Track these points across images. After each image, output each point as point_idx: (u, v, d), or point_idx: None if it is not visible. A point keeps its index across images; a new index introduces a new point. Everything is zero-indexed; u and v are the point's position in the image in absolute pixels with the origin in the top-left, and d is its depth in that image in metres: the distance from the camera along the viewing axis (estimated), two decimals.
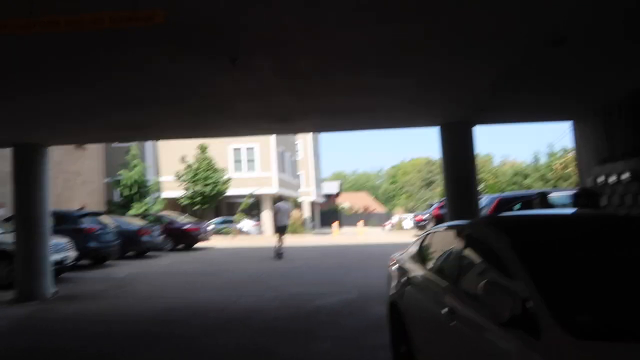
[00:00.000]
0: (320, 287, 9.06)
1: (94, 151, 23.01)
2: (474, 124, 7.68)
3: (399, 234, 26.20)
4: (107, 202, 23.84)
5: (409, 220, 27.21)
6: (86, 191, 21.92)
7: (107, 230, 13.54)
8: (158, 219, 18.37)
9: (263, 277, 10.59)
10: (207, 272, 11.73)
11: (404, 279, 4.16)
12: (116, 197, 25.76)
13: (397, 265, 4.64)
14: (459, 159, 7.69)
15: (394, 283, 4.51)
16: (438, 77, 5.29)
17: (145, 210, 23.81)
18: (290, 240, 22.96)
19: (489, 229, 3.02)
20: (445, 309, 3.03)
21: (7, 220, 12.49)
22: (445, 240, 3.83)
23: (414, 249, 4.43)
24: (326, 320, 6.41)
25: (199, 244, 19.18)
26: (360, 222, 28.09)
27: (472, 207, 7.58)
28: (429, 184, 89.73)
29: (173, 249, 17.57)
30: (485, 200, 9.43)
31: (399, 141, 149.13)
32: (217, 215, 32.45)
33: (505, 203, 9.14)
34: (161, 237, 16.40)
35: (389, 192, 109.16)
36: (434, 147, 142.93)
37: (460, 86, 5.68)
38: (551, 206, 7.80)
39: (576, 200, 5.76)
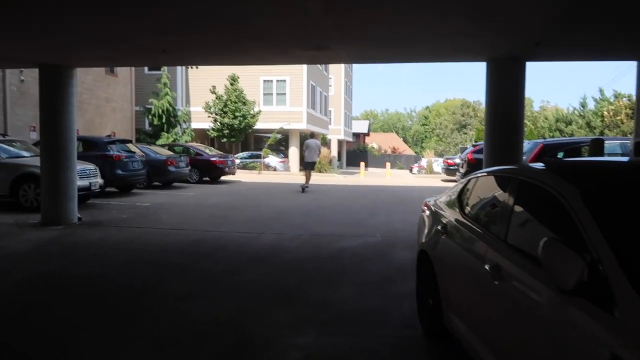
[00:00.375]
0: (344, 228, 8.81)
1: (125, 78, 22.74)
2: (526, 60, 6.92)
3: (427, 178, 25.66)
4: (136, 130, 23.90)
5: (438, 164, 26.47)
6: (117, 118, 21.93)
7: (134, 158, 13.49)
8: (185, 150, 18.31)
9: (287, 214, 10.42)
10: (231, 206, 11.64)
11: (439, 226, 3.76)
12: (146, 126, 25.85)
13: (431, 211, 4.23)
14: (506, 99, 7.00)
15: (425, 230, 4.12)
16: (494, 3, 4.58)
17: (174, 140, 23.85)
18: (317, 178, 22.77)
19: (552, 175, 2.54)
20: (488, 265, 2.64)
21: (35, 144, 12.56)
22: (491, 186, 3.36)
23: (452, 194, 3.98)
24: (348, 264, 6.16)
25: (225, 177, 19.19)
26: (388, 164, 27.41)
27: (517, 153, 6.99)
28: (462, 126, 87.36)
29: (199, 181, 17.60)
30: (526, 146, 8.75)
31: (435, 81, 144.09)
32: (244, 149, 32.43)
33: (550, 150, 8.46)
34: (188, 169, 16.38)
35: (420, 134, 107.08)
36: (472, 88, 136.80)
37: (519, 15, 4.94)
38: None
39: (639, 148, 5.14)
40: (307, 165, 15.30)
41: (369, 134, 70.59)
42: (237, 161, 26.01)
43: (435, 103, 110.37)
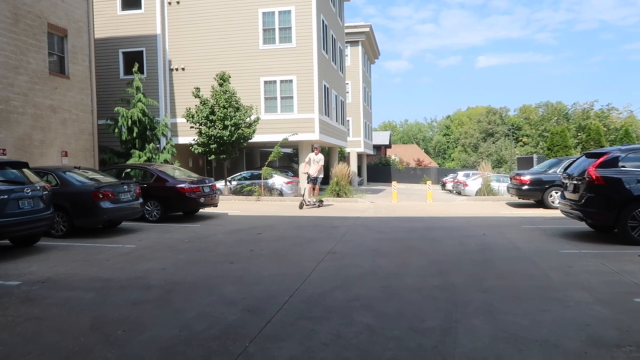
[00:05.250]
0: None
1: (82, 81, 17.31)
2: None
3: (484, 202, 19.63)
4: (101, 148, 18.53)
5: (495, 182, 20.35)
6: (68, 133, 16.59)
7: (25, 193, 7.99)
8: (144, 174, 12.77)
9: (270, 312, 4.69)
10: (171, 284, 5.96)
11: None
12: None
13: None
14: None
15: None
16: None
17: (148, 159, 18.42)
18: (338, 206, 16.81)
19: None
20: None
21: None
22: None
23: None
24: None
25: (204, 210, 13.59)
26: (429, 182, 21.12)
27: None
28: (489, 135, 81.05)
29: (161, 218, 11.99)
30: None
31: (455, 89, 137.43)
32: (249, 168, 26.97)
33: None
34: (138, 202, 10.79)
35: (442, 144, 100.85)
36: (496, 94, 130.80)
37: None
38: None
39: None
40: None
41: (390, 145, 64.70)
42: (234, 183, 20.50)
43: (457, 111, 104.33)
